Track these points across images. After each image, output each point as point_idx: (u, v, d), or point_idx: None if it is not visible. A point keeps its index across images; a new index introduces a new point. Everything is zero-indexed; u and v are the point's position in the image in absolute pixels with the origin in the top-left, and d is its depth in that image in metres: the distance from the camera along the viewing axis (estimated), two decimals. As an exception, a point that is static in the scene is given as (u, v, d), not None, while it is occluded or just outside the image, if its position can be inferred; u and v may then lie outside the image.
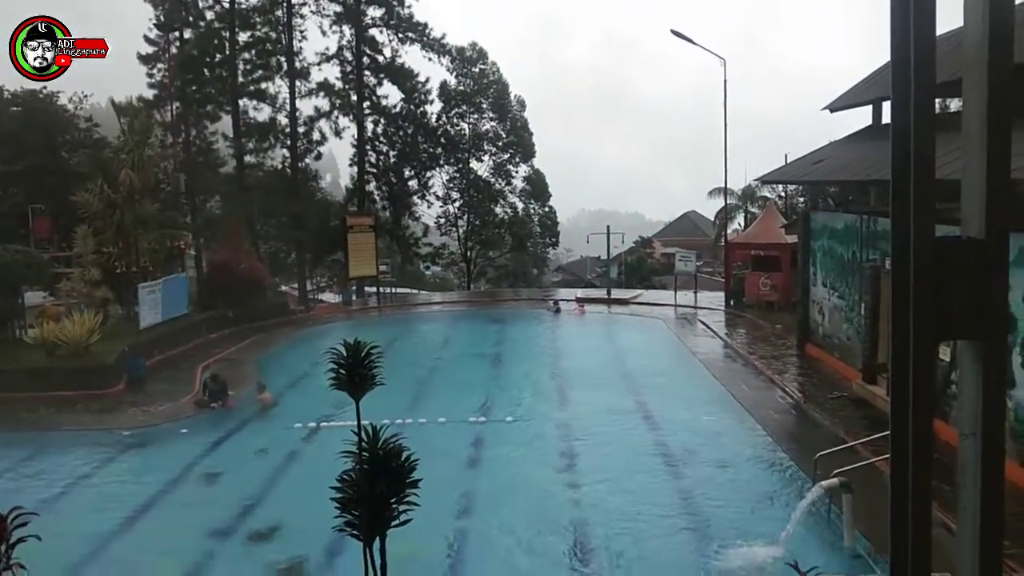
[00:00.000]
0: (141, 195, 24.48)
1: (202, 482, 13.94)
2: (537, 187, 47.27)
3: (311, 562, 10.23)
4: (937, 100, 15.36)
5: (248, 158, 37.55)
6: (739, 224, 47.76)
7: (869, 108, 20.73)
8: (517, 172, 46.90)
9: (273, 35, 37.34)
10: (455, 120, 45.16)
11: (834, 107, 22.03)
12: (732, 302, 30.10)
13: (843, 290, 18.65)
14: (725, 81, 30.06)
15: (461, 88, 44.73)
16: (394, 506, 5.50)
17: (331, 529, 6.00)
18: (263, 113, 37.95)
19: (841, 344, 18.78)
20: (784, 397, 17.49)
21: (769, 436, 14.84)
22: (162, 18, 36.60)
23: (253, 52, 37.12)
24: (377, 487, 5.38)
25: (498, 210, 47.04)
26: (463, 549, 10.92)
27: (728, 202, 40.58)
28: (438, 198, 46.15)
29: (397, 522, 5.60)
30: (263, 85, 37.43)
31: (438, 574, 10.01)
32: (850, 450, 12.23)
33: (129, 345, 20.90)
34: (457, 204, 46.70)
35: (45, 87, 40.46)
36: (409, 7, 40.44)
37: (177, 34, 36.88)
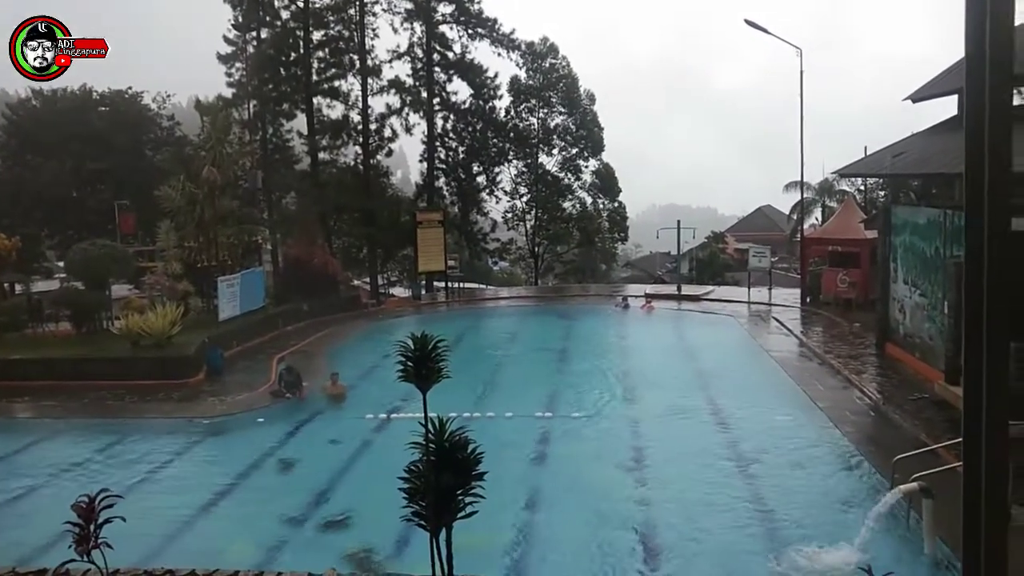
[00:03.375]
0: (221, 191, 25.30)
1: (277, 469, 14.37)
2: (606, 182, 46.88)
3: (380, 551, 10.45)
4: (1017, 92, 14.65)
5: (322, 155, 38.40)
6: (816, 219, 46.47)
7: (954, 98, 19.88)
8: (586, 167, 46.64)
9: (346, 33, 38.01)
10: (524, 115, 45.21)
11: (916, 97, 21.21)
12: (808, 299, 29.30)
13: (925, 287, 17.96)
14: (801, 72, 29.22)
15: (531, 83, 44.74)
16: (460, 498, 5.57)
17: (399, 519, 6.11)
18: (336, 111, 38.75)
19: (923, 344, 18.10)
20: (862, 398, 16.96)
21: (845, 438, 14.40)
22: (240, 19, 37.70)
23: (326, 50, 37.89)
24: (443, 478, 5.46)
25: (566, 205, 46.83)
26: (528, 542, 10.96)
27: (805, 196, 39.49)
28: (506, 193, 46.27)
29: (463, 514, 5.66)
30: (336, 83, 38.18)
31: (503, 565, 10.06)
32: (931, 454, 11.78)
33: (209, 337, 21.66)
34: (525, 199, 46.72)
35: (131, 87, 42.41)
36: (479, 3, 40.66)
37: (254, 34, 37.93)
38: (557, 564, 10.36)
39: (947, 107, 20.73)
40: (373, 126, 39.02)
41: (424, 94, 40.76)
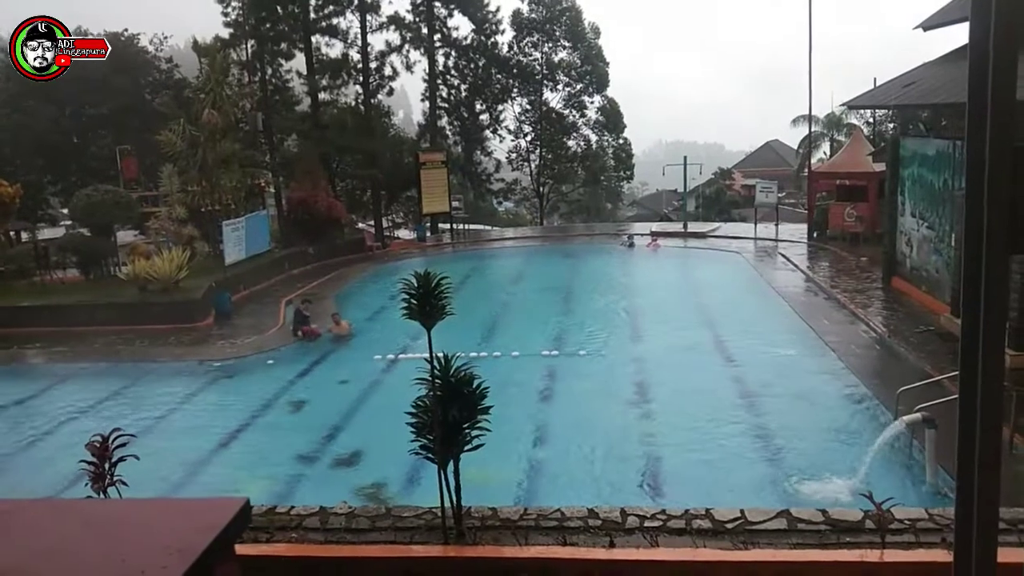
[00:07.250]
0: (222, 134, 25.07)
1: (289, 409, 14.59)
2: (611, 118, 46.18)
3: (392, 484, 10.68)
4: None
5: (322, 95, 37.81)
6: (824, 153, 45.91)
7: (966, 26, 19.39)
8: (591, 103, 45.89)
9: (343, -33, 37.02)
10: (527, 50, 44.31)
11: (928, 25, 20.69)
12: (815, 234, 29.18)
13: (933, 220, 17.83)
14: (810, 1, 28.52)
15: (533, 16, 43.76)
16: (466, 431, 5.64)
17: (408, 453, 6.20)
18: (335, 49, 37.99)
19: (929, 277, 18.06)
20: (868, 331, 17.01)
21: (851, 371, 14.51)
22: (235, -45, 36.69)
23: (324, -15, 36.98)
24: (449, 413, 5.53)
25: (571, 143, 46.24)
26: (536, 475, 11.17)
27: (812, 130, 38.94)
28: (510, 132, 45.71)
29: (470, 447, 5.74)
30: (334, 20, 37.36)
31: (511, 496, 10.26)
32: (935, 385, 11.87)
33: (216, 281, 21.76)
34: (529, 138, 46.16)
35: (127, 29, 41.68)
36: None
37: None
38: (563, 494, 10.56)
39: (959, 36, 20.26)
40: (373, 64, 38.33)
41: (424, 30, 39.91)
